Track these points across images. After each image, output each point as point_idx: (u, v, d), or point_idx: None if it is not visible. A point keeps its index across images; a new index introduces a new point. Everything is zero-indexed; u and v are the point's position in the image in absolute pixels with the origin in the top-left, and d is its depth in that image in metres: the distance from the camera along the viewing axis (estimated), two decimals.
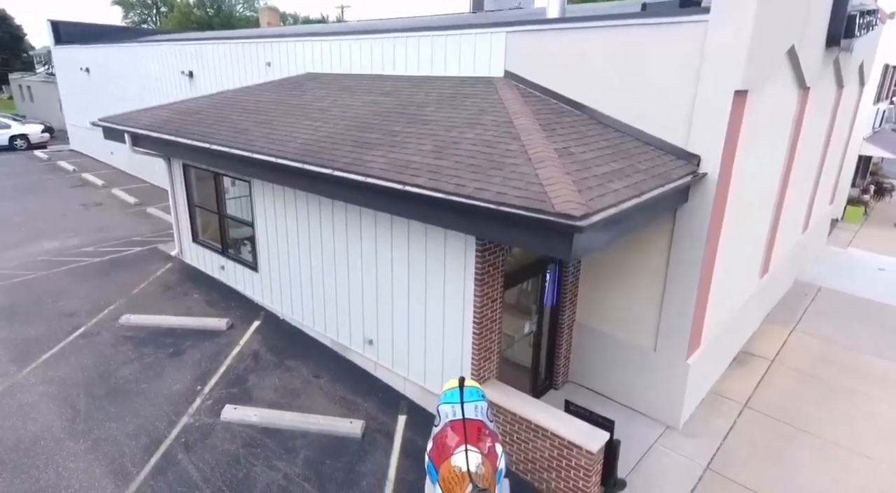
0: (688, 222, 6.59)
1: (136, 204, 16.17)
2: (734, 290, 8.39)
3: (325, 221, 7.85)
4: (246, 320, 9.26)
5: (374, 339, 7.68)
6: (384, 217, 6.92)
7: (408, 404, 7.29)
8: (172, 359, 8.12)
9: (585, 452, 5.54)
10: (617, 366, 7.77)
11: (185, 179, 10.70)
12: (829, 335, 10.15)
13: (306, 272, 8.51)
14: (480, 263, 6.03)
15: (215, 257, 10.56)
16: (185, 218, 11.10)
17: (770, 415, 7.69)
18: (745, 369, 8.89)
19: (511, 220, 4.66)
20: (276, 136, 7.65)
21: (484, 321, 6.31)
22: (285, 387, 7.55)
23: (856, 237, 17.28)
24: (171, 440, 6.50)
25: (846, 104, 12.40)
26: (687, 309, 6.89)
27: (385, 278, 7.21)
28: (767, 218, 9.22)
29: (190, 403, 7.16)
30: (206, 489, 5.80)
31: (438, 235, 6.35)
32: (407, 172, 5.64)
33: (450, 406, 4.93)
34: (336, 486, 5.92)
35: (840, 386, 8.49)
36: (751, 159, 7.18)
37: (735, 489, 6.32)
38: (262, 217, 9.04)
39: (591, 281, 7.87)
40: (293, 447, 6.45)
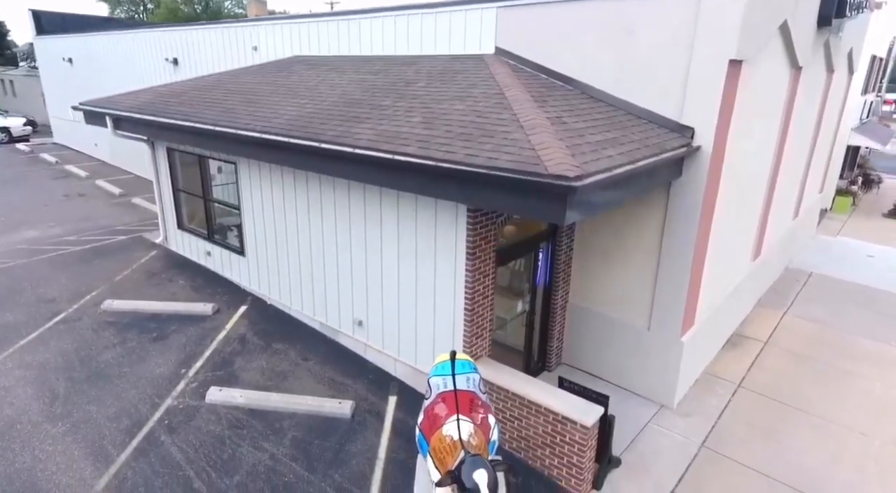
0: (682, 198, 6.50)
1: (121, 194, 15.86)
2: (727, 271, 8.33)
3: (312, 202, 7.67)
4: (232, 305, 9.05)
5: (364, 320, 7.52)
6: (373, 195, 6.76)
7: (399, 385, 7.13)
8: (156, 343, 7.90)
9: (580, 427, 5.42)
10: (611, 346, 7.67)
11: (170, 164, 10.46)
12: (821, 318, 10.14)
13: (294, 255, 8.32)
14: (472, 236, 5.89)
15: (201, 243, 10.33)
16: (169, 204, 10.85)
17: (764, 394, 7.63)
18: (739, 350, 8.84)
19: (503, 184, 4.53)
20: (262, 113, 7.47)
21: (476, 297, 6.17)
22: (273, 370, 7.37)
23: (845, 227, 17.39)
24: (153, 423, 6.29)
25: (836, 91, 12.42)
26: (681, 287, 6.80)
27: (375, 257, 7.05)
28: (760, 200, 9.18)
29: (174, 386, 6.95)
30: (189, 470, 5.61)
31: (429, 210, 6.21)
32: (396, 142, 5.48)
33: (441, 378, 4.80)
34: (325, 465, 5.75)
35: (833, 367, 8.46)
36: (744, 135, 7.10)
37: (731, 465, 6.24)
38: (249, 200, 8.84)
39: (583, 261, 7.76)
40: (280, 428, 6.27)
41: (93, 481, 5.46)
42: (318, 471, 5.67)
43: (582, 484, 5.62)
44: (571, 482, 5.66)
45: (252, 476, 5.57)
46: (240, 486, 5.44)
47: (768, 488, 5.92)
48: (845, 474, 6.17)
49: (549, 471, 5.82)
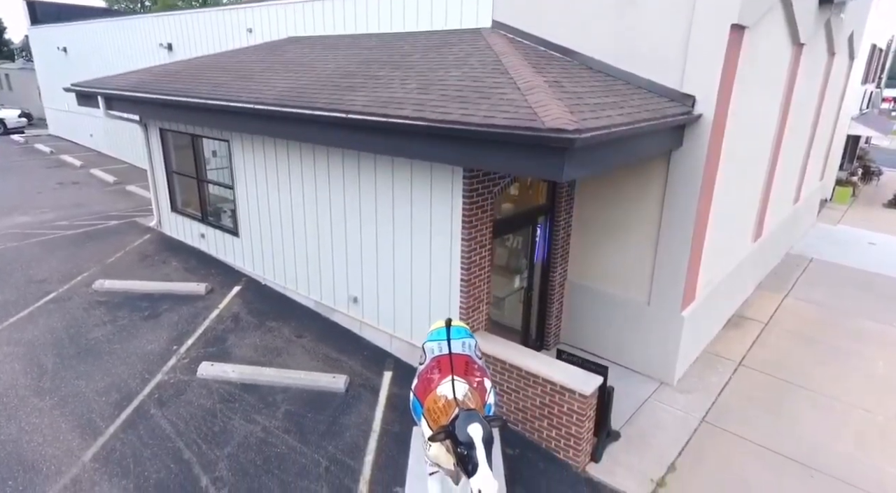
0: (682, 168, 6.38)
1: (116, 182, 15.71)
2: (728, 248, 8.22)
3: (307, 180, 7.54)
4: (226, 285, 8.92)
5: (359, 297, 7.39)
6: (368, 167, 6.63)
7: (394, 361, 7.01)
8: (147, 321, 7.77)
9: (578, 396, 5.30)
10: (610, 323, 7.55)
11: (163, 146, 10.32)
12: (822, 301, 10.03)
13: (288, 234, 8.19)
14: (468, 205, 5.77)
15: (195, 226, 10.20)
16: (163, 187, 10.72)
17: (765, 372, 7.52)
18: (739, 331, 8.73)
19: (500, 142, 4.41)
20: (254, 87, 7.35)
21: (472, 268, 6.05)
22: (266, 346, 7.24)
23: (845, 216, 17.29)
24: (143, 396, 6.16)
25: (836, 75, 12.32)
26: (681, 260, 6.69)
27: (370, 231, 6.93)
28: (761, 178, 9.07)
29: (165, 362, 6.82)
30: (179, 442, 5.48)
31: (424, 179, 6.08)
32: (391, 106, 5.36)
33: (436, 343, 4.68)
34: (318, 437, 5.62)
35: (835, 347, 8.35)
36: (746, 107, 6.99)
37: (731, 439, 6.13)
38: (243, 180, 8.70)
39: (582, 237, 7.65)
40: (273, 402, 6.14)
41: (80, 452, 5.33)
42: (311, 443, 5.55)
43: (580, 455, 5.50)
44: (570, 453, 5.55)
45: (243, 448, 5.44)
46: (231, 457, 5.31)
47: (770, 460, 5.81)
48: (846, 447, 6.06)
49: (548, 443, 5.70)
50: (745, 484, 5.46)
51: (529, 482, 5.25)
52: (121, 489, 4.90)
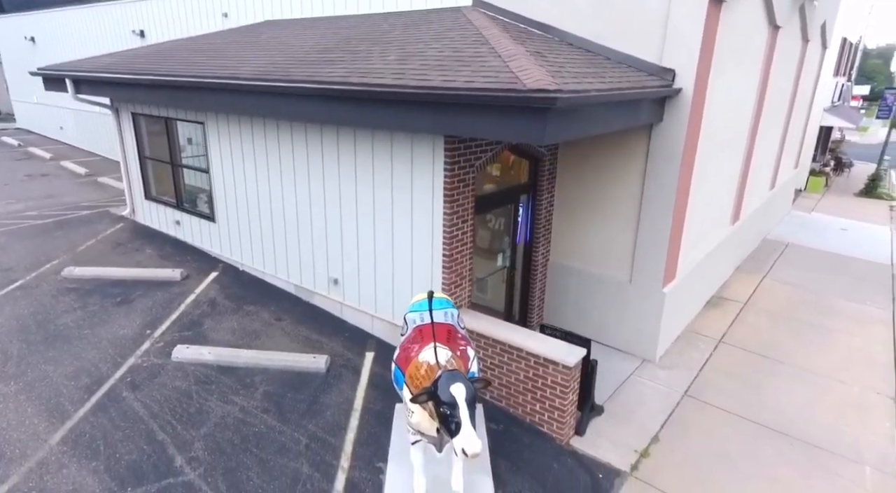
0: (663, 143, 6.40)
1: (87, 174, 15.24)
2: (708, 228, 8.29)
3: (284, 159, 7.37)
4: (202, 271, 8.69)
5: (340, 278, 7.26)
6: (347, 144, 6.50)
7: (376, 342, 6.90)
8: (120, 307, 7.52)
9: (562, 367, 5.26)
10: (592, 303, 7.55)
11: (136, 131, 10.02)
12: (798, 282, 10.20)
13: (266, 217, 8.01)
14: (449, 177, 5.69)
15: (170, 212, 9.93)
16: (136, 174, 10.41)
17: (746, 348, 7.60)
18: (719, 310, 8.82)
19: (481, 105, 4.34)
20: (229, 64, 7.16)
21: (454, 243, 5.97)
22: (244, 329, 7.06)
23: (819, 204, 17.68)
24: (115, 380, 5.95)
25: (810, 63, 12.55)
26: (663, 236, 6.71)
27: (349, 209, 6.80)
28: (739, 160, 9.17)
29: (138, 346, 6.60)
30: (152, 424, 5.30)
31: (405, 154, 5.98)
32: (370, 76, 5.26)
33: (417, 314, 4.61)
34: (298, 416, 5.49)
35: (812, 324, 8.49)
36: (724, 84, 7.04)
37: (714, 411, 6.16)
38: (219, 164, 8.48)
39: (564, 217, 7.63)
40: (251, 383, 5.98)
41: (47, 436, 5.11)
42: (290, 422, 5.41)
43: (564, 429, 5.47)
44: (554, 426, 5.51)
45: (220, 428, 5.28)
46: (207, 437, 5.15)
47: (751, 430, 5.85)
48: (825, 416, 6.15)
49: (531, 417, 5.66)
50: (726, 452, 5.48)
51: (514, 456, 5.20)
52: (90, 471, 4.70)
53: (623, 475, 5.12)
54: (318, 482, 4.71)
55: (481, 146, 5.94)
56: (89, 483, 4.58)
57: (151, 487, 4.56)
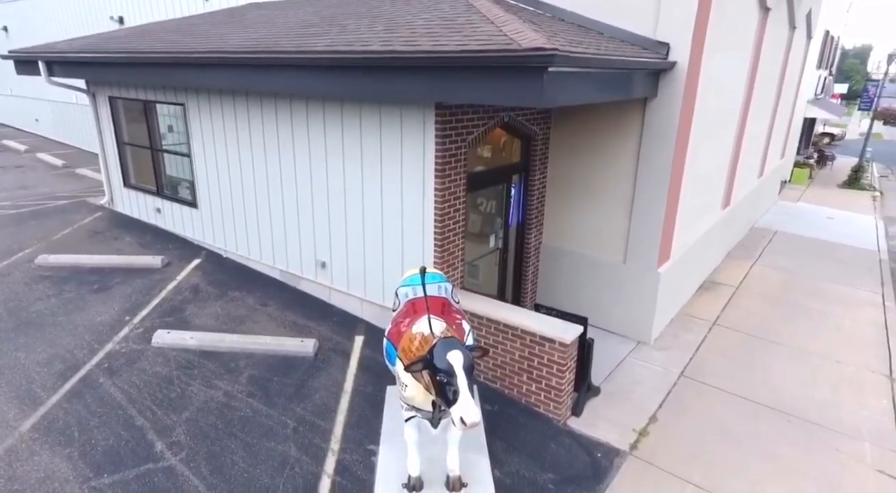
0: (658, 119, 6.28)
1: (64, 166, 14.77)
2: (700, 211, 8.22)
3: (269, 139, 7.12)
4: (184, 258, 8.39)
5: (328, 261, 7.03)
6: (334, 121, 6.28)
7: (366, 326, 6.69)
8: (97, 294, 7.21)
9: (559, 345, 5.11)
10: (586, 285, 7.42)
11: (113, 116, 9.67)
12: (789, 267, 10.21)
13: (251, 200, 7.75)
14: (441, 151, 5.50)
15: (150, 200, 9.60)
16: (114, 161, 10.06)
17: (739, 330, 7.54)
18: (712, 294, 8.76)
19: (476, 67, 4.16)
20: (212, 42, 6.89)
21: (446, 221, 5.79)
22: (228, 315, 6.80)
23: (804, 195, 17.83)
24: (91, 366, 5.66)
25: (796, 51, 12.60)
26: (657, 215, 6.60)
27: (337, 190, 6.58)
28: (730, 143, 9.13)
29: (116, 332, 6.32)
30: (131, 409, 5.04)
31: (394, 128, 5.78)
32: (356, 44, 5.05)
33: (410, 287, 4.42)
34: (285, 400, 5.26)
35: (804, 307, 8.47)
36: (717, 61, 6.96)
37: (711, 391, 6.07)
38: (200, 147, 8.20)
39: (556, 199, 7.50)
40: (236, 368, 5.74)
41: (17, 423, 4.82)
42: (277, 405, 5.19)
43: (561, 409, 5.32)
44: (550, 406, 5.35)
45: (203, 412, 5.04)
46: (189, 421, 4.90)
47: (749, 409, 5.76)
48: (821, 394, 6.09)
49: (527, 398, 5.50)
50: (725, 431, 5.38)
51: (509, 437, 5.03)
52: (63, 458, 4.44)
53: (622, 454, 4.99)
54: (306, 464, 4.50)
55: (473, 120, 5.77)
56: (62, 470, 4.31)
57: (129, 473, 4.31)
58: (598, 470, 4.76)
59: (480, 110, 5.82)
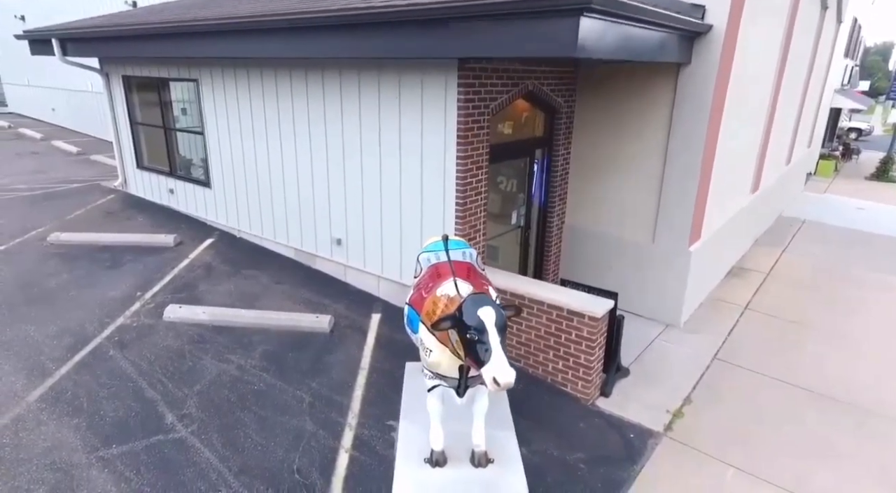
0: (691, 88, 5.96)
1: (79, 153, 14.76)
2: (730, 191, 7.86)
3: (283, 114, 6.91)
4: (197, 238, 8.23)
5: (343, 238, 6.81)
6: (351, 90, 6.04)
7: (382, 304, 6.45)
8: (108, 271, 7.05)
9: (588, 319, 4.82)
10: (611, 266, 7.11)
11: (126, 96, 9.54)
12: (820, 255, 9.80)
13: (265, 179, 7.56)
14: (463, 117, 5.24)
15: (163, 181, 9.46)
16: (127, 142, 9.94)
17: (773, 315, 7.19)
18: (741, 280, 8.40)
19: (506, 14, 3.89)
20: (223, 11, 6.69)
21: (468, 192, 5.53)
22: (241, 292, 6.61)
23: (830, 187, 17.31)
24: (101, 339, 5.49)
25: (826, 34, 12.16)
26: (689, 190, 6.28)
27: (354, 163, 6.35)
28: (761, 124, 8.76)
29: (127, 307, 6.14)
30: (141, 382, 4.84)
31: (414, 94, 5.52)
32: (376, 1, 4.81)
33: (432, 253, 4.17)
34: (300, 375, 5.04)
35: (838, 294, 8.08)
36: (753, 33, 6.62)
37: (746, 374, 5.74)
38: (214, 123, 8.03)
39: (581, 177, 7.20)
40: (249, 343, 5.53)
41: (24, 393, 4.65)
42: (292, 380, 4.96)
43: (590, 388, 5.03)
44: (578, 386, 5.07)
45: (216, 386, 4.83)
46: (201, 394, 4.70)
47: (789, 393, 5.43)
48: (865, 379, 5.73)
49: (553, 377, 5.22)
50: (764, 414, 5.06)
51: (536, 416, 4.76)
52: (71, 428, 4.25)
53: (657, 435, 4.69)
54: (323, 438, 4.26)
55: (497, 86, 5.50)
56: (69, 440, 4.12)
57: (139, 444, 4.11)
58: (632, 451, 4.47)
59: (504, 76, 5.56)
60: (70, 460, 3.94)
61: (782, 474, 4.29)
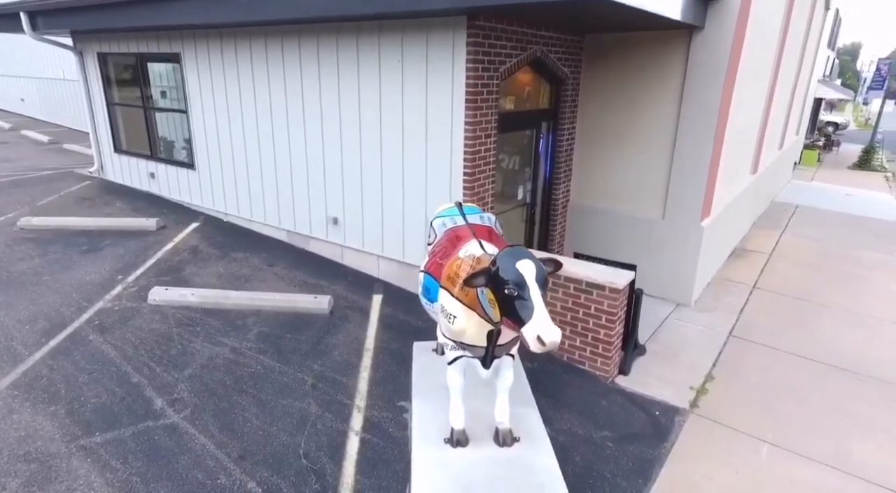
0: (705, 54, 5.74)
1: (51, 142, 14.05)
2: (735, 167, 7.70)
3: (274, 84, 6.51)
4: (181, 222, 7.77)
5: (340, 217, 6.44)
6: (348, 53, 5.67)
7: (383, 286, 6.11)
8: (85, 255, 6.57)
9: (609, 291, 4.55)
10: (619, 245, 6.87)
11: (102, 74, 9.00)
12: (819, 237, 9.74)
13: (254, 157, 7.14)
14: (472, 79, 4.92)
15: (143, 164, 8.95)
16: (104, 125, 9.39)
17: (783, 293, 7.03)
18: (745, 261, 8.25)
19: None
20: None
21: (477, 161, 5.22)
22: (231, 274, 6.20)
23: (816, 175, 17.44)
24: (79, 324, 5.04)
25: (816, 18, 12.15)
26: (703, 163, 6.06)
27: (352, 134, 5.99)
28: (763, 101, 8.63)
29: (107, 291, 5.69)
30: (126, 366, 4.42)
31: (418, 54, 5.17)
32: None
33: (448, 217, 3.84)
34: (301, 357, 4.67)
35: (843, 272, 7.98)
36: (763, 1, 6.44)
37: (764, 350, 5.54)
38: (198, 100, 7.57)
39: (587, 153, 6.95)
40: (243, 325, 5.14)
41: None
42: (292, 362, 4.59)
43: (609, 365, 4.76)
44: (597, 362, 4.80)
45: (208, 369, 4.43)
46: (192, 378, 4.30)
47: (810, 367, 5.24)
48: (886, 354, 5.57)
49: (570, 354, 4.94)
50: (789, 388, 4.85)
51: (555, 394, 4.48)
52: (47, 415, 3.82)
53: (683, 411, 4.44)
54: (329, 421, 3.91)
55: (506, 48, 5.20)
56: (46, 428, 3.70)
57: (125, 431, 3.71)
58: (659, 428, 4.21)
59: (514, 38, 5.26)
60: (47, 449, 3.52)
61: (819, 448, 4.07)
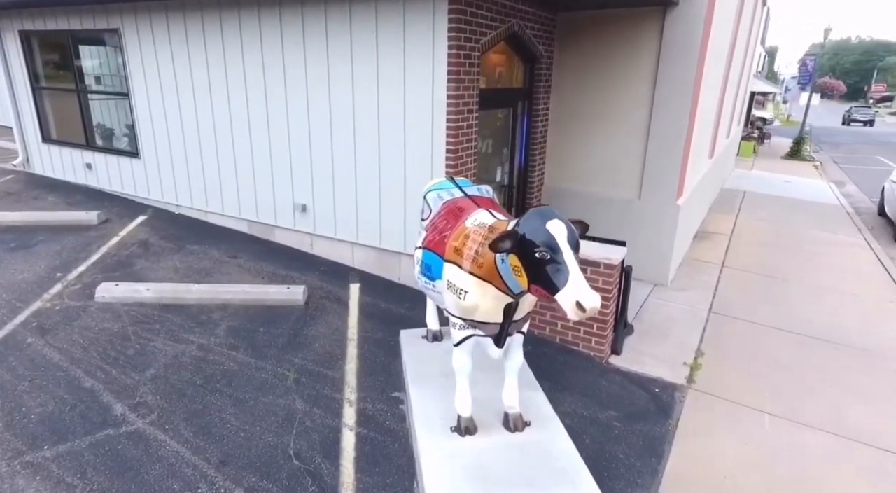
0: (680, 31, 5.75)
1: None
2: (700, 148, 7.83)
3: (231, 59, 5.99)
4: (126, 215, 7.06)
5: (309, 204, 6.01)
6: (314, 23, 5.27)
7: (359, 274, 5.74)
8: (14, 253, 5.81)
9: (604, 268, 4.42)
10: (595, 226, 6.71)
11: (26, 56, 8.08)
12: (770, 219, 10.17)
13: (209, 142, 6.57)
14: (455, 50, 4.65)
15: (77, 155, 8.10)
16: (29, 112, 8.44)
17: (750, 271, 7.21)
18: (709, 242, 8.45)
19: None
20: None
21: (460, 137, 4.96)
22: (190, 267, 5.64)
23: (755, 165, 18.35)
24: (13, 326, 4.39)
25: (757, 12, 12.71)
26: (678, 142, 6.08)
27: (321, 112, 5.58)
28: (719, 87, 8.84)
29: (45, 289, 5.02)
30: (75, 370, 3.86)
31: (394, 24, 4.85)
32: None
33: (444, 190, 3.58)
34: (278, 351, 4.26)
35: (801, 250, 8.32)
36: None
37: (746, 325, 5.61)
38: (142, 81, 6.90)
39: (561, 136, 6.84)
40: (208, 320, 4.65)
41: None
42: (269, 357, 4.17)
43: (604, 345, 4.64)
44: (591, 342, 4.66)
45: (174, 369, 3.94)
46: (156, 379, 3.81)
47: (790, 339, 5.33)
48: (854, 324, 5.77)
49: (563, 336, 4.78)
50: (776, 360, 4.90)
51: (554, 377, 4.29)
52: None
53: (681, 387, 4.37)
54: (319, 417, 3.55)
55: (487, 19, 4.97)
56: None
57: (80, 442, 3.19)
58: (661, 405, 4.11)
59: (493, 9, 5.03)
60: None
61: (817, 415, 4.10)
